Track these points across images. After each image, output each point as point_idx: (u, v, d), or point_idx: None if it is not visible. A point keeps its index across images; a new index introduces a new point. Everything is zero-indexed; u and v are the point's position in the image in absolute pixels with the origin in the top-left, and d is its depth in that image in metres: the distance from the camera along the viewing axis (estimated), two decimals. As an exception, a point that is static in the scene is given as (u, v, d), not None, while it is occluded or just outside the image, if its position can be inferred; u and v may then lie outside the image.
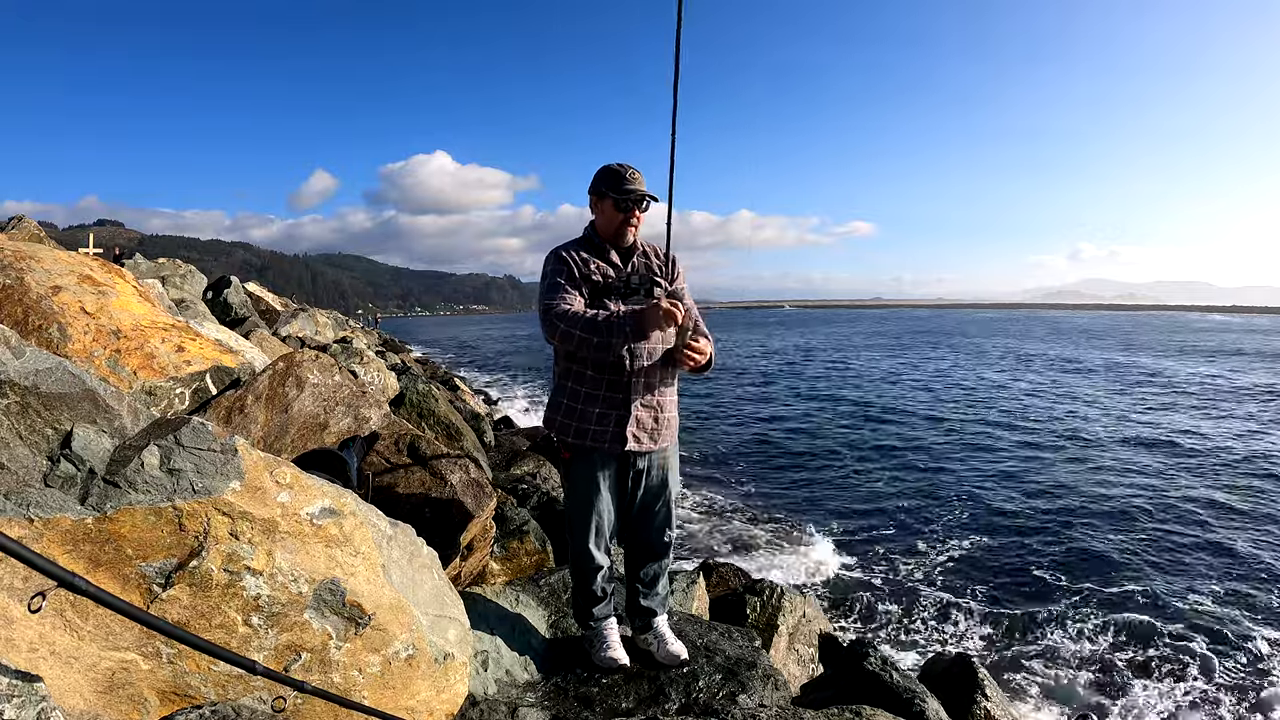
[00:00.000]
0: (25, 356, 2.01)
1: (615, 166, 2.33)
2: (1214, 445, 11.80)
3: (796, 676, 3.39)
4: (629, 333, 2.14)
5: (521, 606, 2.78)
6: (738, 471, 10.43)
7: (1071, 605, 5.83)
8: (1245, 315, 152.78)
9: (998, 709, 3.16)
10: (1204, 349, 35.99)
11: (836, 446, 12.16)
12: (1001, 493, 9.07)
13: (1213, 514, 8.17)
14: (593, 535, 2.43)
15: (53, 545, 1.54)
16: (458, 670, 2.15)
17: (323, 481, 2.04)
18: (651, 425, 2.37)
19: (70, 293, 3.87)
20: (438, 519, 3.06)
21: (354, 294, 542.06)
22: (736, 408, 16.73)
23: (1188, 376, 22.63)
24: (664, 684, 2.41)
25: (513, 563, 3.68)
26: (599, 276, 2.34)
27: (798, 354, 34.39)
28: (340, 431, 3.44)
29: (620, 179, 2.31)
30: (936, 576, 6.42)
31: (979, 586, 6.19)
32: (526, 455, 6.37)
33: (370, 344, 16.08)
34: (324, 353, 5.62)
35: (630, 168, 2.33)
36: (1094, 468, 10.36)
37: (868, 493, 9.20)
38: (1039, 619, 5.60)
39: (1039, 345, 39.52)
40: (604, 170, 2.36)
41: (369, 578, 1.95)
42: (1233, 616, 5.63)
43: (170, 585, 1.64)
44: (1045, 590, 6.12)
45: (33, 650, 1.45)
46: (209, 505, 1.72)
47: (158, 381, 3.64)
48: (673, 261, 2.44)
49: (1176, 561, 6.75)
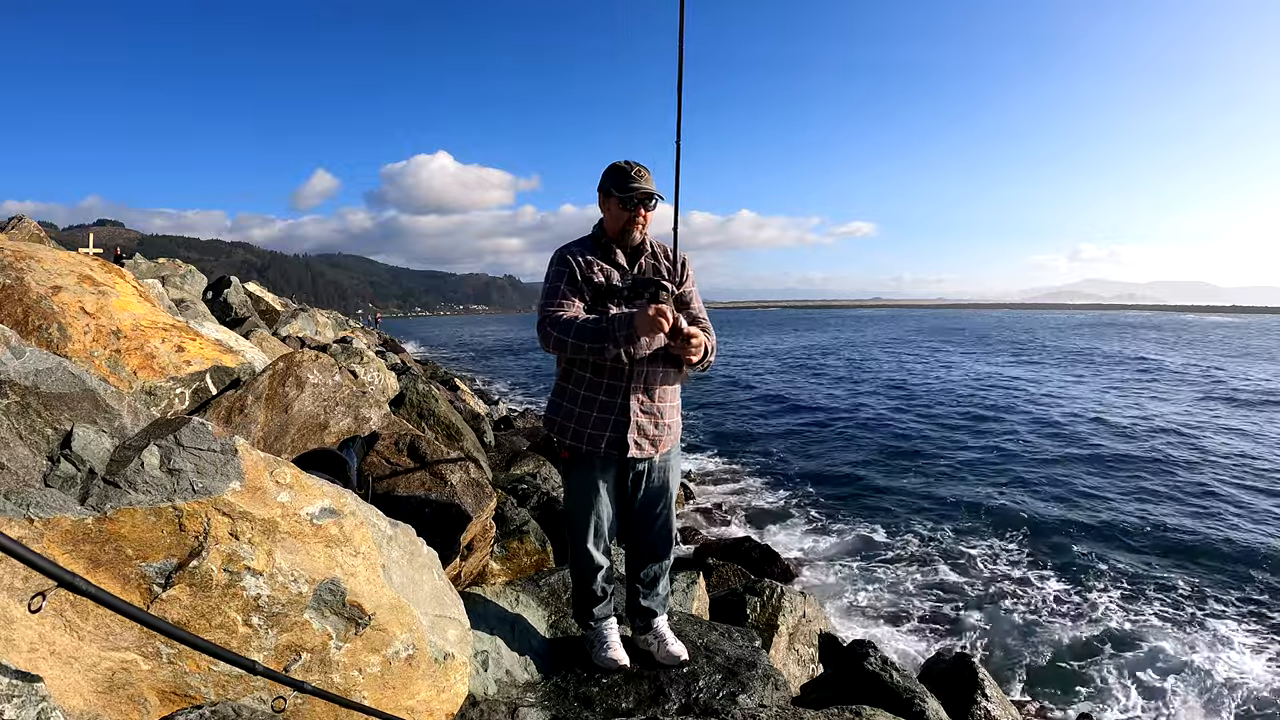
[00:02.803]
0: (25, 356, 2.01)
1: (623, 164, 2.30)
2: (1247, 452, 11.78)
3: (796, 676, 3.39)
4: (621, 338, 2.11)
5: (521, 607, 2.78)
6: (738, 471, 10.43)
7: (1072, 606, 5.83)
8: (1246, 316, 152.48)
9: (998, 709, 3.16)
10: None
11: (836, 446, 12.16)
12: (1002, 493, 9.07)
13: (1225, 518, 8.16)
14: (592, 535, 2.43)
15: (53, 545, 1.54)
16: (458, 670, 2.15)
17: (323, 481, 2.04)
18: (653, 432, 2.35)
19: (70, 293, 3.87)
20: (438, 519, 3.06)
21: (354, 294, 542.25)
22: (737, 407, 16.73)
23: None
24: (664, 684, 2.41)
25: (513, 563, 3.68)
26: (602, 279, 2.30)
27: (797, 354, 34.40)
28: (340, 431, 3.44)
29: (626, 177, 2.28)
30: (937, 577, 6.42)
31: (980, 586, 6.19)
32: (526, 455, 6.38)
33: (370, 344, 16.09)
34: (324, 353, 5.62)
35: (638, 165, 2.30)
36: (1098, 468, 10.36)
37: (868, 492, 9.20)
38: (1040, 619, 5.60)
39: (1039, 346, 39.53)
40: (612, 168, 2.33)
41: (369, 578, 1.95)
42: (1236, 619, 5.63)
43: (170, 585, 1.64)
44: (1046, 590, 6.12)
45: (33, 650, 1.45)
46: (209, 505, 1.72)
47: (158, 381, 3.64)
48: (682, 263, 2.42)
49: (1178, 561, 6.75)
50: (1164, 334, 53.97)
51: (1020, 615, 5.65)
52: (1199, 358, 30.20)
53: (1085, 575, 6.41)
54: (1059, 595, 6.01)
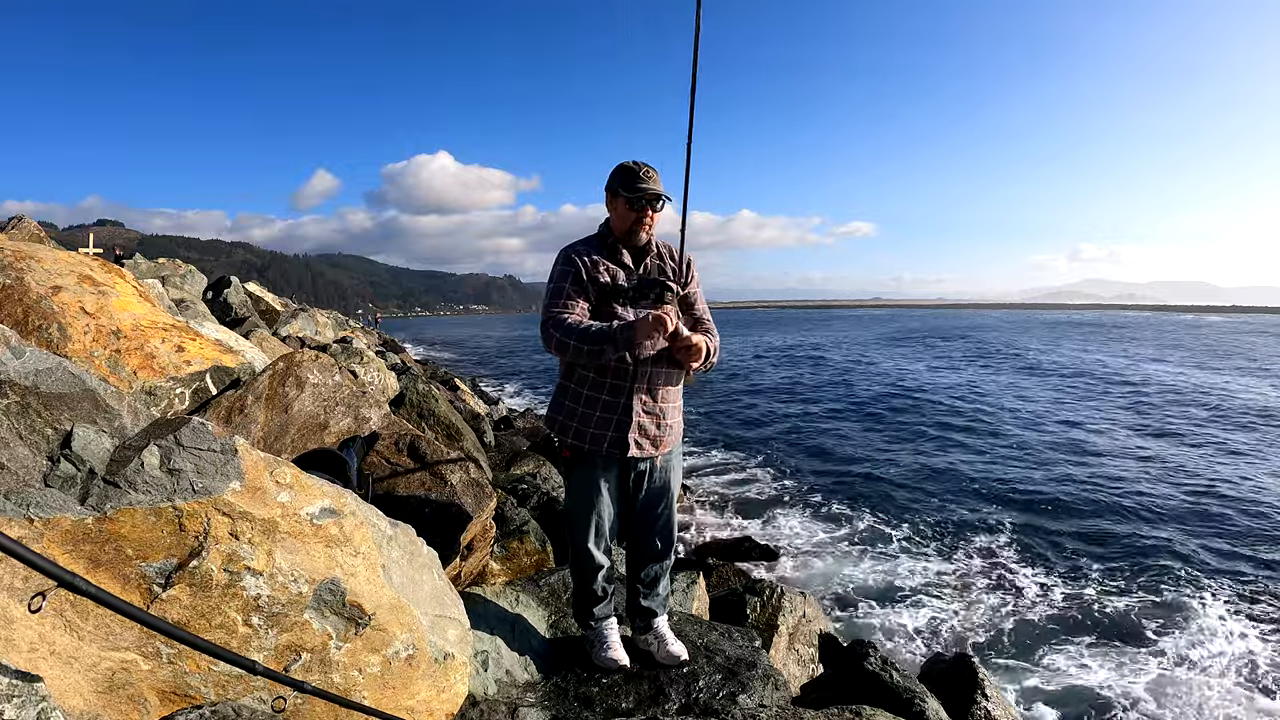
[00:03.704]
0: (25, 356, 2.01)
1: (631, 165, 2.30)
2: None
3: (796, 676, 3.39)
4: (621, 342, 2.13)
5: (521, 606, 2.78)
6: (739, 470, 10.42)
7: (1073, 606, 5.83)
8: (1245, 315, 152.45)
9: (998, 709, 3.16)
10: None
11: (836, 446, 12.16)
12: (1002, 493, 9.07)
13: (1230, 522, 8.16)
14: (593, 535, 2.43)
15: (53, 545, 1.54)
16: (458, 670, 2.15)
17: (323, 481, 2.04)
18: (654, 432, 2.36)
19: (70, 293, 3.87)
20: (438, 519, 3.06)
21: (354, 294, 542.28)
22: (737, 405, 16.73)
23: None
24: (664, 684, 2.41)
25: (513, 563, 3.68)
26: (607, 279, 2.30)
27: (796, 354, 34.39)
28: (340, 431, 3.44)
29: (634, 177, 2.28)
30: (938, 575, 6.42)
31: (980, 586, 6.19)
32: (526, 455, 6.37)
33: (370, 344, 16.08)
34: (324, 353, 5.62)
35: (646, 166, 2.30)
36: (1102, 470, 10.36)
37: (869, 492, 9.20)
38: (1040, 619, 5.60)
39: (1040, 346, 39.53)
40: (620, 168, 2.33)
41: (369, 578, 1.95)
42: (1240, 620, 5.62)
43: (170, 585, 1.64)
44: (1046, 590, 6.12)
45: (33, 650, 1.45)
46: (209, 505, 1.72)
47: (158, 381, 3.64)
48: (687, 263, 2.42)
49: (1180, 561, 6.74)
50: (1162, 334, 54.02)
51: (1021, 615, 5.66)
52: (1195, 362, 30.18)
53: (1087, 576, 6.42)
54: (1060, 596, 6.01)
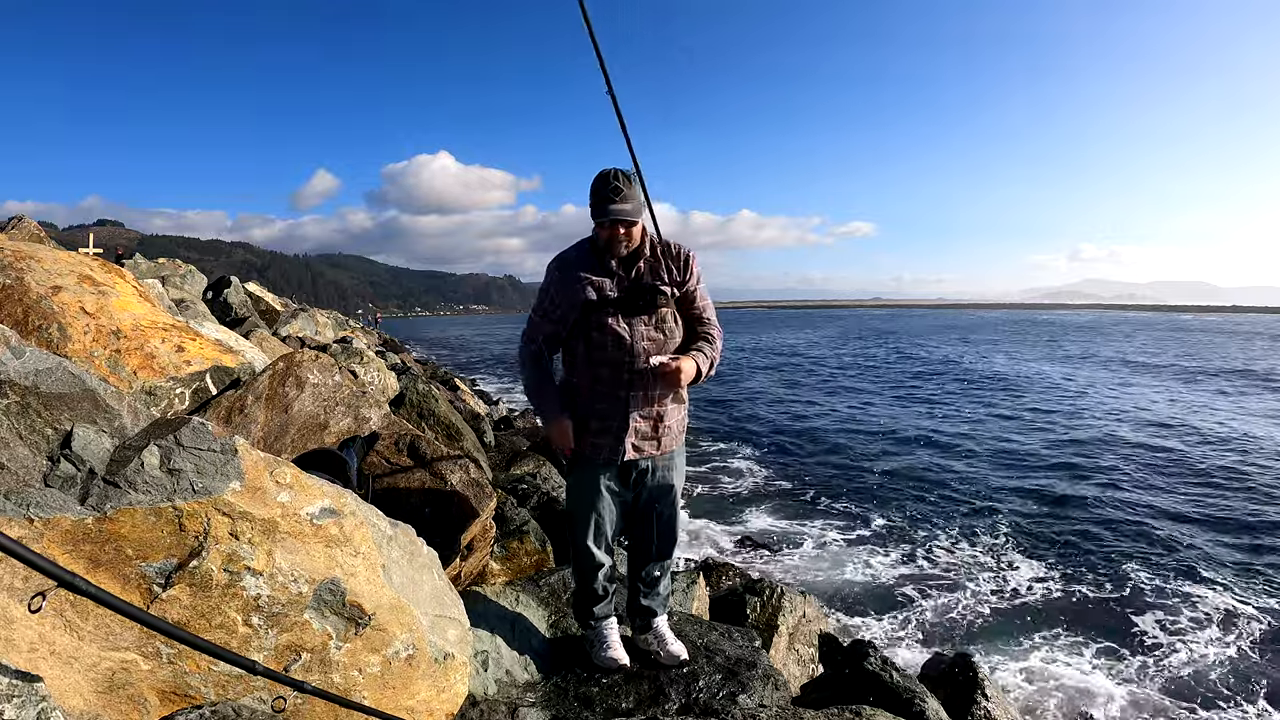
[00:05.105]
0: (25, 356, 2.01)
1: (599, 181, 2.16)
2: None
3: (796, 676, 3.39)
4: (545, 423, 2.35)
5: (521, 606, 2.78)
6: (739, 469, 10.42)
7: (1073, 606, 5.83)
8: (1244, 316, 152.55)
9: (998, 709, 3.16)
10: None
11: (836, 445, 12.15)
12: (1003, 492, 9.07)
13: (1235, 523, 8.15)
14: (593, 534, 2.43)
15: (53, 545, 1.54)
16: (458, 670, 2.15)
17: (323, 481, 2.04)
18: (650, 434, 2.34)
19: (70, 293, 3.86)
20: (438, 519, 3.06)
21: (354, 294, 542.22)
22: (737, 404, 16.72)
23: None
24: (664, 684, 2.41)
25: (513, 563, 3.67)
26: (592, 294, 2.23)
27: (796, 353, 34.37)
28: (340, 431, 3.44)
29: (602, 197, 2.14)
30: (939, 574, 6.42)
31: (980, 586, 6.19)
32: (526, 455, 6.37)
33: (370, 344, 16.08)
34: (324, 353, 5.62)
35: (618, 179, 2.14)
36: (1103, 470, 10.36)
37: (869, 492, 9.20)
38: (1040, 619, 5.60)
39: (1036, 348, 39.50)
40: (594, 182, 2.18)
41: (369, 578, 1.95)
42: (1240, 621, 5.62)
43: (170, 585, 1.64)
44: (1047, 590, 6.12)
45: (33, 650, 1.45)
46: (209, 505, 1.72)
47: (158, 381, 3.63)
48: (686, 261, 2.33)
49: (1181, 562, 6.74)
50: (1160, 333, 53.96)
51: (1021, 615, 5.66)
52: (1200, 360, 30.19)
53: (1088, 576, 6.41)
54: (1061, 596, 6.01)
